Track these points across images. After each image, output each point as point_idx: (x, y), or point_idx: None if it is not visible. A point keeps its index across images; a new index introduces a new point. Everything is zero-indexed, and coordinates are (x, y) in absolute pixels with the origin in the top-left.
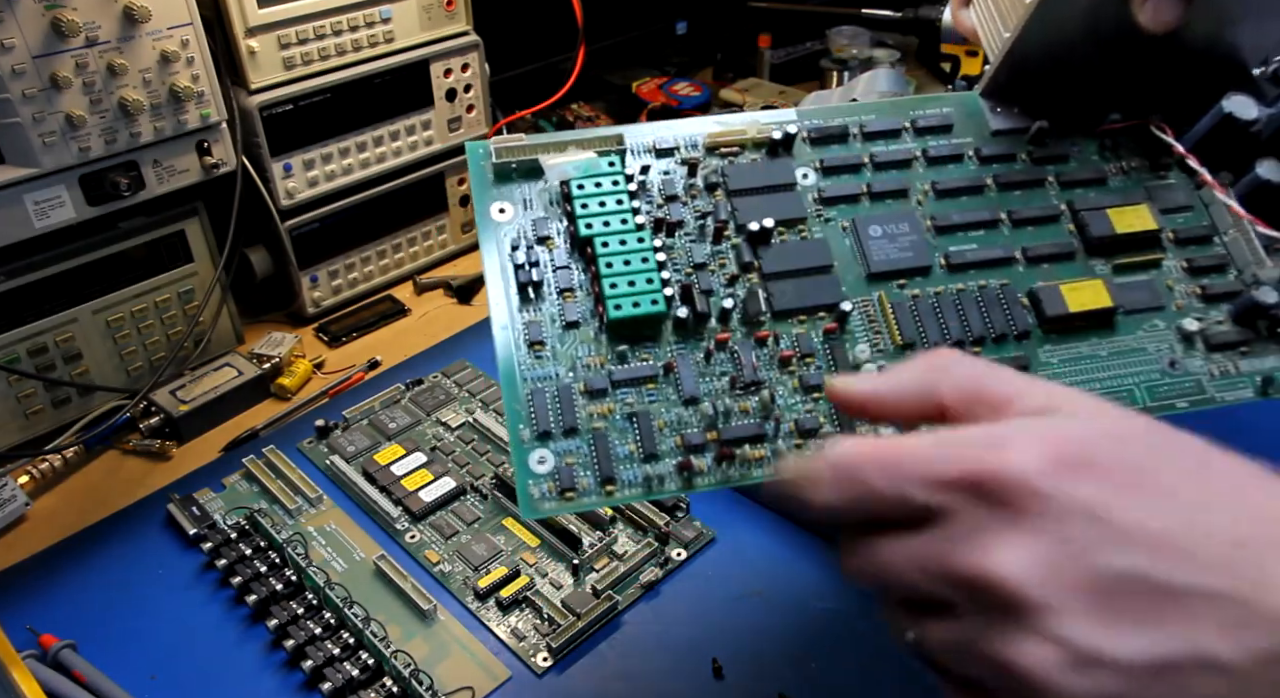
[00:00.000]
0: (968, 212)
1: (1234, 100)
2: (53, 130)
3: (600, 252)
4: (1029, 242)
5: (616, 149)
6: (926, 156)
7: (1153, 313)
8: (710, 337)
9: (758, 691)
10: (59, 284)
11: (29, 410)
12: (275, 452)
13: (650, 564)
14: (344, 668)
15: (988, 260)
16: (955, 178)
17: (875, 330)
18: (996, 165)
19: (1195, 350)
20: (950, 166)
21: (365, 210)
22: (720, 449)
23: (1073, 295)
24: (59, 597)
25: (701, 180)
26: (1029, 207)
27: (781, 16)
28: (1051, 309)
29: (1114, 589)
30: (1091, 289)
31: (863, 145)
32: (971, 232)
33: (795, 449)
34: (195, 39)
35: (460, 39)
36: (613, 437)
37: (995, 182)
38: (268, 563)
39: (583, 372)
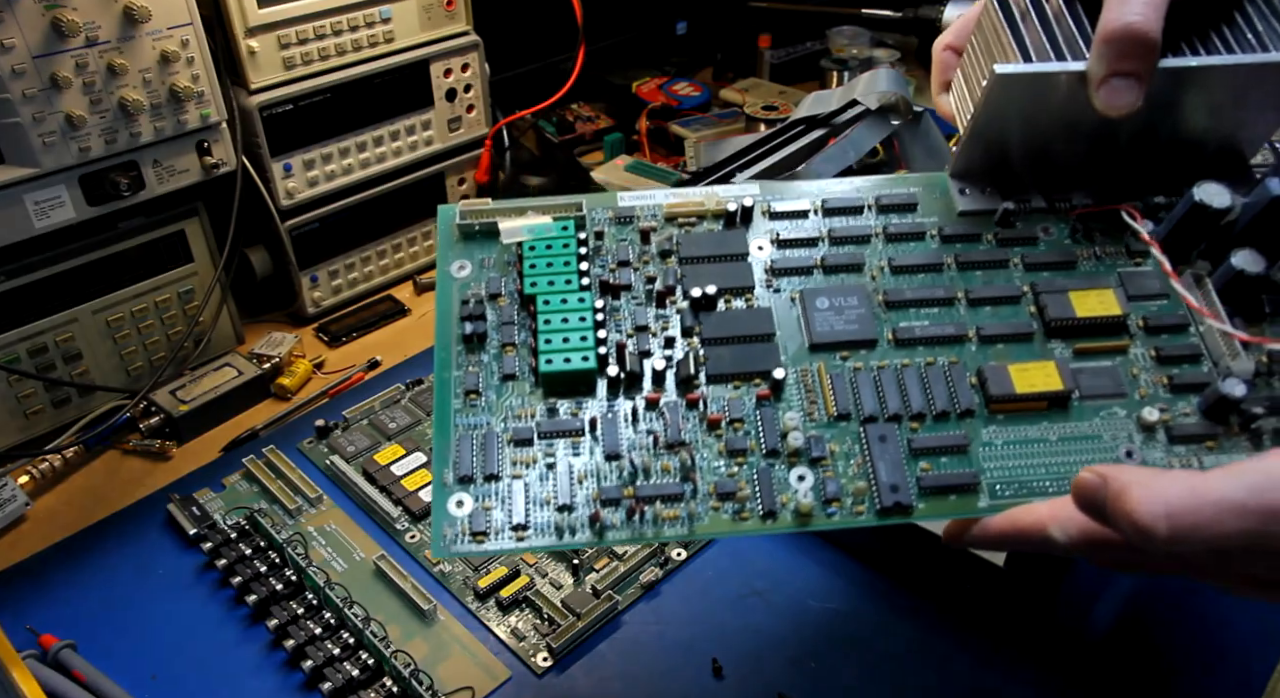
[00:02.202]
0: (922, 288)
1: (1205, 188)
2: (53, 130)
3: (541, 308)
4: (984, 321)
5: (575, 215)
6: (886, 233)
7: (1113, 400)
8: (641, 396)
9: (758, 691)
10: (59, 284)
11: (29, 410)
12: (275, 452)
13: (650, 564)
14: (344, 668)
15: (938, 337)
16: (913, 255)
17: (810, 400)
18: (959, 245)
19: (1156, 441)
20: (910, 244)
21: (365, 210)
22: (633, 504)
23: (1021, 376)
24: (59, 597)
25: (655, 247)
26: (988, 286)
27: (781, 16)
28: (997, 389)
29: None
30: (1042, 371)
31: (822, 219)
32: (924, 308)
33: (712, 512)
34: (195, 39)
35: (460, 39)
36: (532, 485)
37: (955, 260)
38: (268, 563)
39: (512, 422)
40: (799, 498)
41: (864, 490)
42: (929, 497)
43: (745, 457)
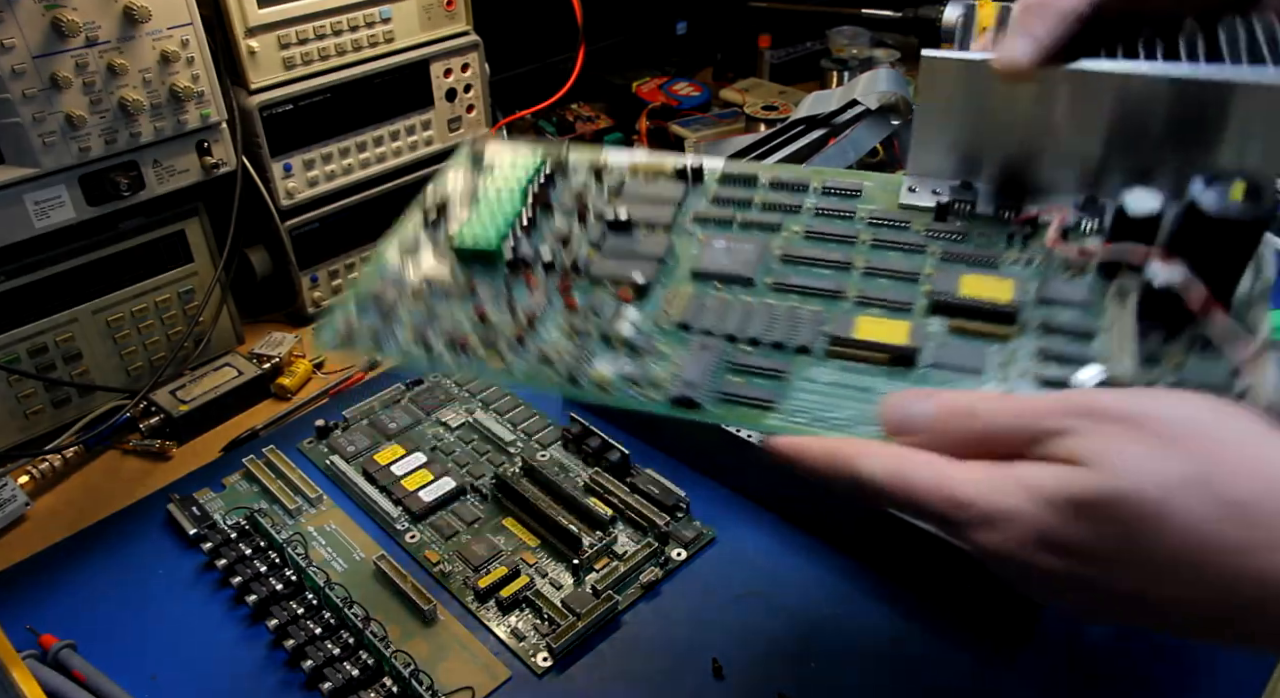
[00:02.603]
0: (823, 251)
1: (1132, 194)
2: (53, 130)
3: (482, 199)
4: (871, 289)
5: (555, 157)
6: (817, 209)
7: (965, 376)
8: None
9: (758, 691)
10: (59, 284)
11: (29, 410)
12: (275, 452)
13: (650, 564)
14: (344, 668)
15: (815, 289)
16: (831, 227)
17: (664, 310)
18: (885, 228)
19: None
20: (835, 220)
21: (365, 210)
22: (465, 339)
23: (866, 325)
24: (59, 597)
25: (606, 185)
26: (890, 261)
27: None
28: (836, 329)
29: None
30: (891, 327)
31: (767, 190)
32: (818, 267)
33: (529, 365)
34: (195, 39)
35: (460, 39)
36: (403, 316)
37: (872, 239)
38: (268, 563)
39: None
40: (604, 371)
41: (664, 380)
42: (722, 403)
43: (579, 337)
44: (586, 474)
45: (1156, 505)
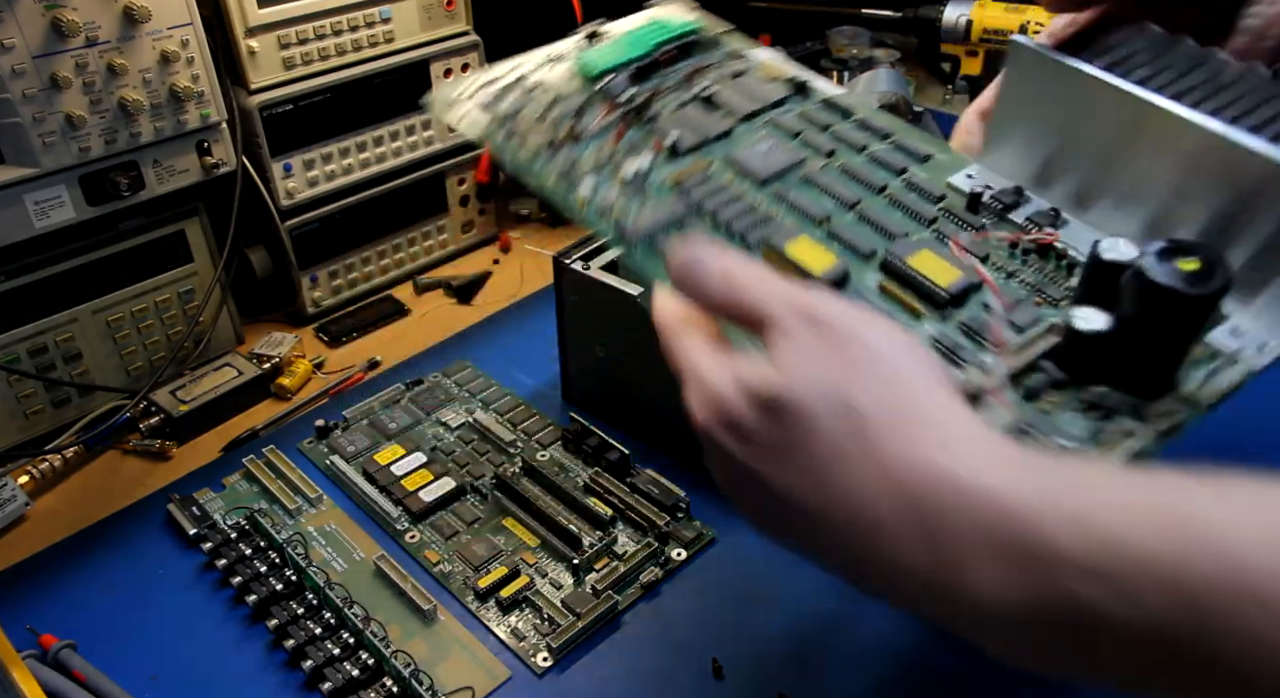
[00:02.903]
0: (845, 187)
1: (1108, 242)
2: (53, 130)
3: (622, 38)
4: (845, 227)
5: (709, 31)
6: (873, 155)
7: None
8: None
9: (758, 691)
10: (59, 284)
11: (29, 410)
12: (275, 452)
13: (650, 564)
14: (344, 668)
15: (802, 208)
16: (871, 174)
17: (678, 172)
18: (914, 195)
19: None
20: (880, 170)
21: (365, 210)
22: (515, 124)
23: (798, 244)
24: (59, 597)
25: (727, 71)
26: (886, 217)
27: (781, 16)
28: (774, 237)
29: None
30: (822, 257)
31: (848, 124)
32: (826, 196)
33: (551, 173)
34: (195, 39)
35: (460, 39)
36: (506, 97)
37: (893, 195)
38: (268, 563)
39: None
40: (584, 192)
41: (624, 217)
42: (646, 251)
43: (601, 170)
44: (586, 474)
45: (808, 410)
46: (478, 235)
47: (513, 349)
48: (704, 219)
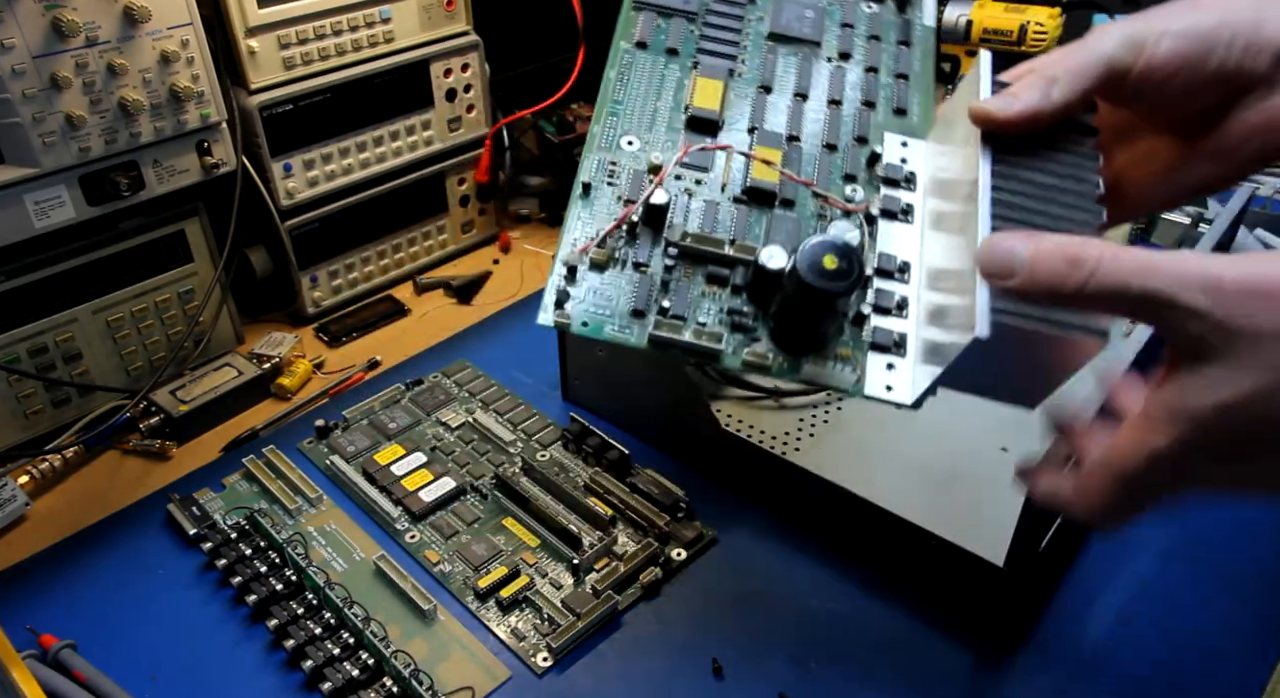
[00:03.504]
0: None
1: (765, 251)
2: (53, 130)
3: None
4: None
5: None
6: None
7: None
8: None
9: (758, 691)
10: (59, 284)
11: (29, 410)
12: (275, 452)
13: (650, 564)
14: (344, 668)
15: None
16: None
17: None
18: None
19: None
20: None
21: (365, 210)
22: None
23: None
24: (59, 597)
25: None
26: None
27: None
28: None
29: None
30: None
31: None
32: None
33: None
34: (195, 39)
35: (460, 39)
36: None
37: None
38: (268, 563)
39: None
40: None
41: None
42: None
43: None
44: (586, 474)
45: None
46: (478, 235)
47: (513, 349)
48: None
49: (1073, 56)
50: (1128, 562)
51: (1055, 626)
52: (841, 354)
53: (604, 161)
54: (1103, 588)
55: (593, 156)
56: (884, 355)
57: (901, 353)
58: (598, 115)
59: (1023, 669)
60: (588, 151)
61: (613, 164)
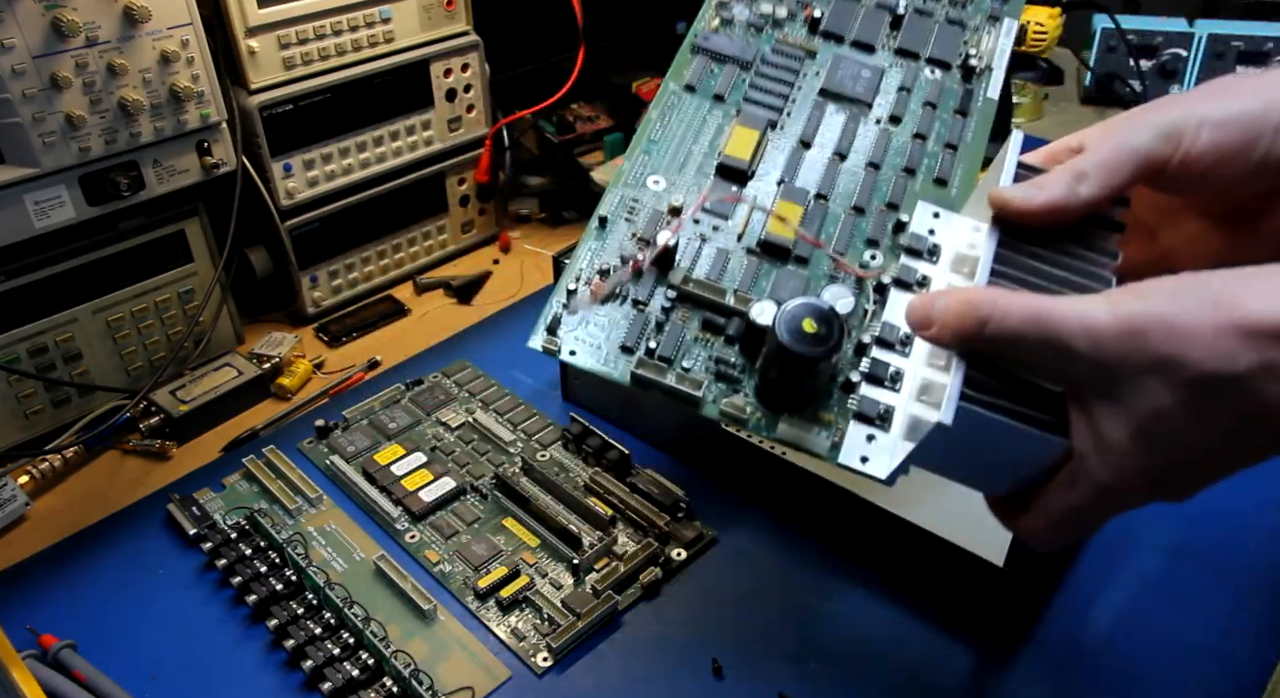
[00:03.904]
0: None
1: (756, 306)
2: (53, 130)
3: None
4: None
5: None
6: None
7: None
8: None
9: (758, 691)
10: (59, 284)
11: (29, 410)
12: (275, 452)
13: (650, 565)
14: (344, 668)
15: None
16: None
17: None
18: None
19: None
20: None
21: (365, 210)
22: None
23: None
24: (59, 597)
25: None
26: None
27: None
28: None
29: None
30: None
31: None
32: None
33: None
34: (195, 39)
35: (460, 39)
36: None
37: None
38: (268, 563)
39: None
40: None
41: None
42: None
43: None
44: (586, 474)
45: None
46: (478, 235)
47: (513, 349)
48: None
49: (1104, 148)
50: (1128, 562)
51: (1055, 626)
52: (823, 418)
53: (627, 198)
54: (1103, 588)
55: (617, 192)
56: (866, 426)
57: (885, 426)
58: (631, 151)
59: (1023, 669)
60: (613, 185)
61: (634, 201)
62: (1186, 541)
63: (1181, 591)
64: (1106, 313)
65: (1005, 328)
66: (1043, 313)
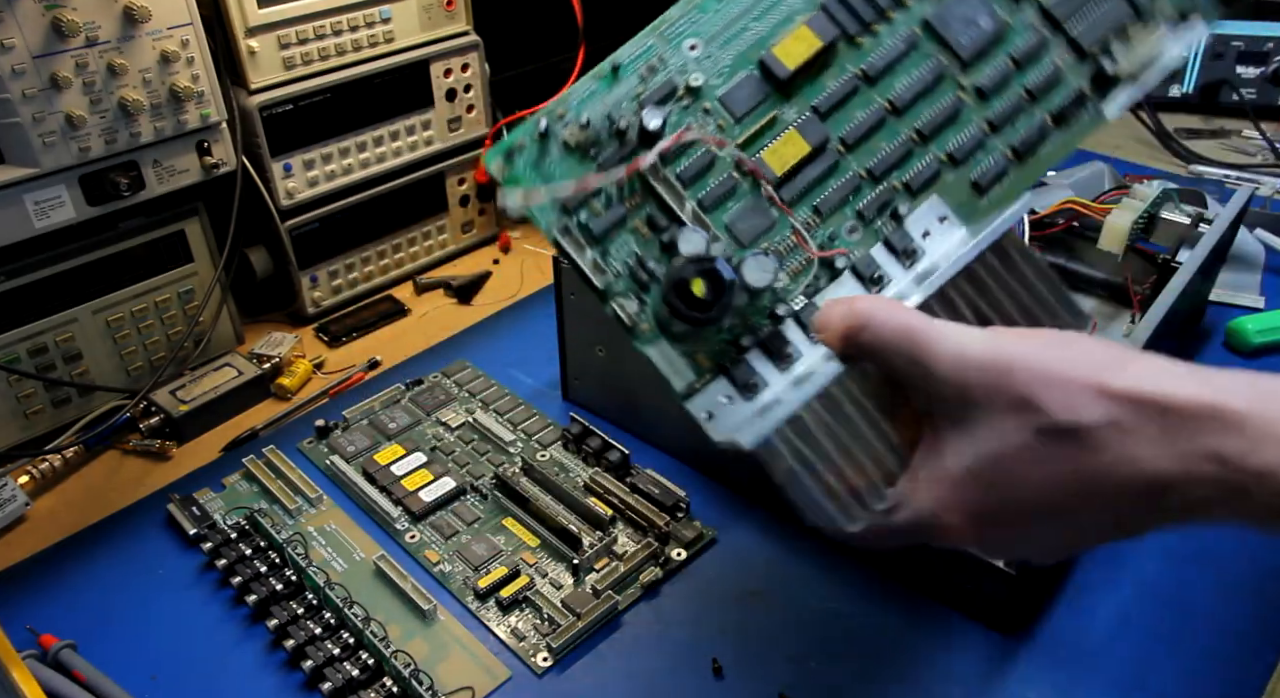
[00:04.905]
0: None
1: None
2: (53, 130)
3: None
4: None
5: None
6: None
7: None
8: None
9: (758, 691)
10: (59, 284)
11: (29, 410)
12: (275, 452)
13: (650, 564)
14: (344, 668)
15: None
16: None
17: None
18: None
19: None
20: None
21: (365, 210)
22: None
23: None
24: (59, 597)
25: None
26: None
27: None
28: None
29: None
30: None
31: None
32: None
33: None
34: (195, 39)
35: (460, 39)
36: None
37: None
38: (268, 563)
39: None
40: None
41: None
42: None
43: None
44: (586, 474)
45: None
46: (478, 235)
47: (512, 349)
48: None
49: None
50: (1129, 563)
51: (1056, 626)
52: (698, 359)
53: (653, 51)
54: (1104, 588)
55: (647, 40)
56: (729, 387)
57: (748, 397)
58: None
59: (1023, 670)
60: (647, 32)
61: (660, 60)
62: (1187, 543)
63: (1182, 592)
64: (982, 344)
65: (880, 335)
66: (918, 329)
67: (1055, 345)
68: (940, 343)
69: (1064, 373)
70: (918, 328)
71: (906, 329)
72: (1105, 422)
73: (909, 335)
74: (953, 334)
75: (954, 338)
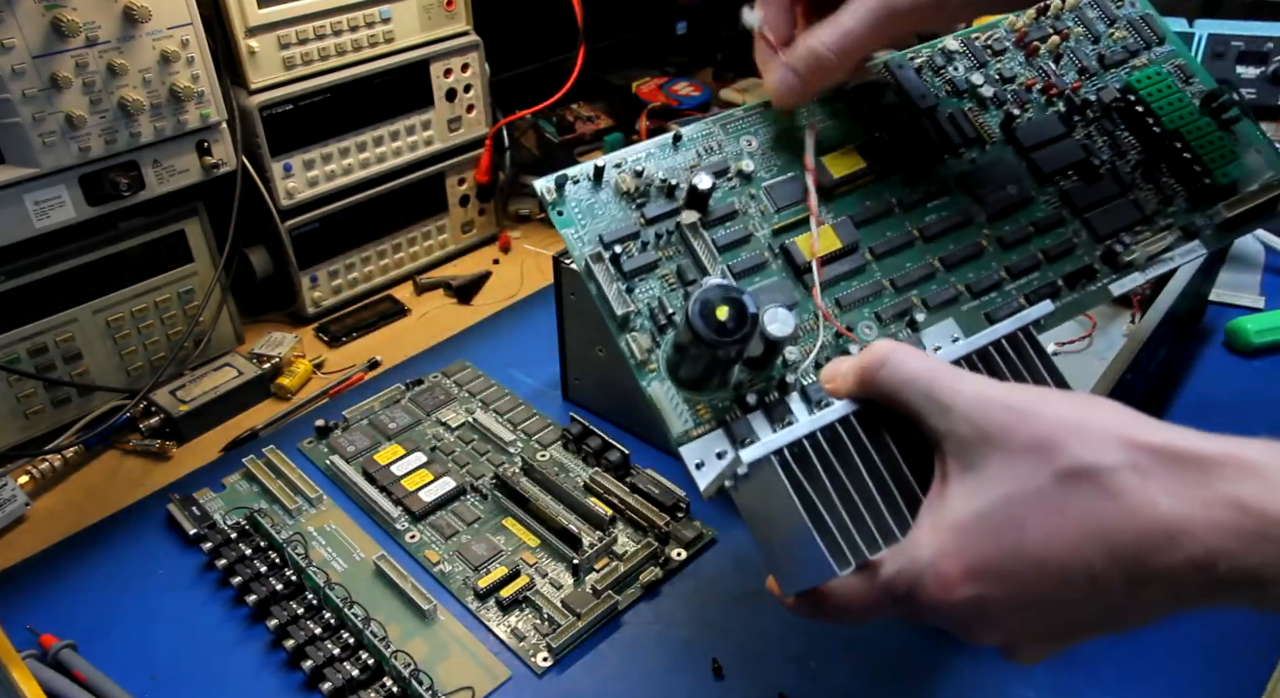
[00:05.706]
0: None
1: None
2: (53, 130)
3: None
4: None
5: None
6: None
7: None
8: None
9: (758, 691)
10: (59, 284)
11: (29, 410)
12: (275, 452)
13: (650, 564)
14: (344, 668)
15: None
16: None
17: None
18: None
19: None
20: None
21: (365, 210)
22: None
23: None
24: (59, 597)
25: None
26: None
27: None
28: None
29: None
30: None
31: None
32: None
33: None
34: (195, 39)
35: (460, 39)
36: None
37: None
38: (268, 563)
39: None
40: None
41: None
42: None
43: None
44: (586, 474)
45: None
46: (478, 235)
47: (512, 349)
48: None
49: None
50: None
51: None
52: (697, 407)
53: (714, 137)
54: None
55: (710, 126)
56: (722, 443)
57: (738, 448)
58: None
59: (1023, 669)
60: (718, 117)
61: (718, 145)
62: None
63: None
64: (1005, 389)
65: (899, 372)
66: (939, 369)
67: (1080, 400)
68: (961, 382)
69: (1088, 421)
70: (939, 368)
71: (928, 368)
72: (1125, 465)
73: (930, 373)
74: (973, 378)
75: (975, 381)
